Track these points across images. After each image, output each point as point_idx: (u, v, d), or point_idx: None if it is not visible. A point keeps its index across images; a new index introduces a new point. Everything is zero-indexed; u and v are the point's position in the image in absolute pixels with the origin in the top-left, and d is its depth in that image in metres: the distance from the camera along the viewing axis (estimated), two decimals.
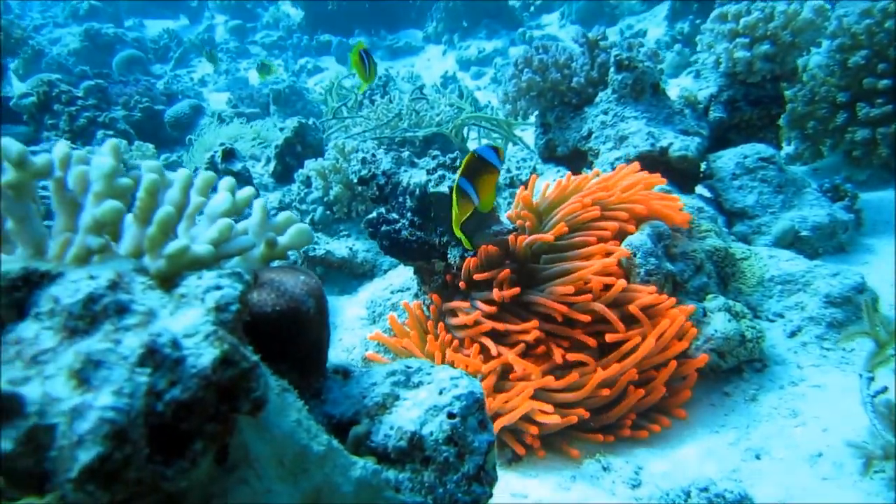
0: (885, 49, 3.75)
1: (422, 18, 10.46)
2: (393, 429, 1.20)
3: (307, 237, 1.28)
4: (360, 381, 1.30)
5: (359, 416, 1.24)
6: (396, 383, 1.28)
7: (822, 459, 2.17)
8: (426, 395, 1.26)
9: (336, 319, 3.55)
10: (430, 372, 1.30)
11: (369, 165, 3.00)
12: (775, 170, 3.47)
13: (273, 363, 1.18)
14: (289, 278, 1.23)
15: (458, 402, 1.23)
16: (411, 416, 1.22)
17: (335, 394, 1.29)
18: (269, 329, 1.17)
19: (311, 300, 1.24)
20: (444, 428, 1.20)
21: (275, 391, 1.04)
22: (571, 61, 3.74)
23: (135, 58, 9.26)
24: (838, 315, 2.75)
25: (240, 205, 1.23)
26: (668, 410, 2.49)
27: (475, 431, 1.23)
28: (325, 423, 1.24)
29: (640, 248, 2.69)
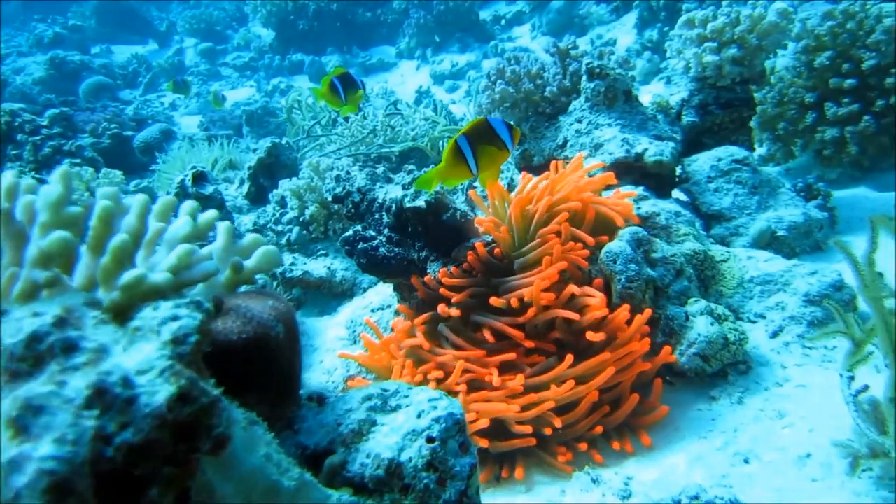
0: (848, 49, 3.79)
1: (394, 34, 10.48)
2: (370, 457, 1.16)
3: (275, 260, 1.24)
4: (335, 408, 1.26)
5: (334, 445, 1.20)
6: (373, 408, 1.24)
7: (811, 460, 2.15)
8: (404, 419, 1.21)
9: (316, 341, 3.50)
10: (407, 394, 1.26)
11: (343, 183, 2.96)
12: (749, 171, 3.48)
13: (241, 394, 1.13)
14: (256, 304, 1.18)
15: (437, 426, 1.19)
16: (389, 442, 1.17)
17: (309, 422, 1.24)
18: (235, 358, 1.13)
19: (281, 326, 1.19)
20: (423, 453, 1.16)
21: (241, 425, 0.99)
22: (544, 71, 3.73)
23: (103, 84, 9.15)
24: (818, 313, 2.74)
25: (202, 228, 1.18)
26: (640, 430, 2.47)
27: (456, 455, 1.18)
28: (299, 455, 1.20)
29: (619, 254, 2.67)
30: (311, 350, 3.40)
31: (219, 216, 1.20)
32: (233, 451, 0.93)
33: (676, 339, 2.62)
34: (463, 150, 2.38)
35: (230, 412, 0.92)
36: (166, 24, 13.01)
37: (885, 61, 3.65)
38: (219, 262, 1.21)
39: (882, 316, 1.88)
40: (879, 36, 3.62)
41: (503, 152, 2.45)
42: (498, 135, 2.40)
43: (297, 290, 3.91)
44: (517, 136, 2.47)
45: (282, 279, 3.74)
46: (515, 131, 2.46)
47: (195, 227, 1.14)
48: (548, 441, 2.43)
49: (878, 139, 3.79)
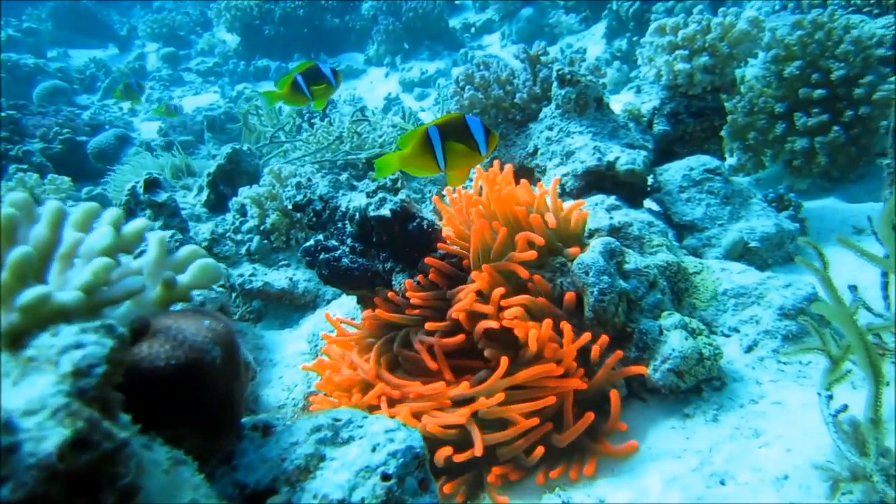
0: (817, 59, 3.77)
1: (362, 41, 10.35)
2: (317, 497, 1.03)
3: (214, 274, 1.11)
4: (281, 440, 1.12)
5: (277, 483, 1.06)
6: (322, 441, 1.11)
7: (789, 482, 2.07)
8: (357, 452, 1.08)
9: (276, 355, 3.34)
10: (361, 424, 1.13)
11: (305, 190, 2.83)
12: (721, 181, 3.42)
13: (169, 427, 0.99)
14: (189, 324, 1.05)
15: (393, 461, 1.06)
16: (339, 480, 1.04)
17: (250, 457, 1.10)
18: (163, 387, 0.99)
19: (218, 349, 1.06)
20: (377, 493, 1.03)
21: (162, 468, 0.85)
22: (513, 77, 3.65)
23: (58, 88, 8.84)
24: (793, 327, 2.68)
25: (127, 239, 1.04)
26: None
27: (415, 494, 1.06)
28: (238, 495, 1.06)
29: (592, 266, 2.58)
30: (270, 365, 3.24)
31: (147, 226, 1.06)
32: (147, 501, 0.80)
33: (650, 354, 2.53)
34: (432, 141, 2.23)
35: (139, 458, 0.78)
36: (127, 28, 12.68)
37: (853, 72, 3.64)
38: (149, 278, 1.08)
39: (857, 335, 1.81)
40: (848, 46, 3.61)
41: (475, 154, 2.32)
42: (472, 135, 2.26)
43: (257, 302, 3.75)
44: (494, 141, 2.34)
45: (241, 291, 3.58)
46: (493, 136, 2.33)
47: (118, 238, 1.00)
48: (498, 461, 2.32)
49: (847, 150, 3.78)
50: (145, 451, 0.87)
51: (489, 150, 2.33)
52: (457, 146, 2.25)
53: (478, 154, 2.30)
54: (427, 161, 2.26)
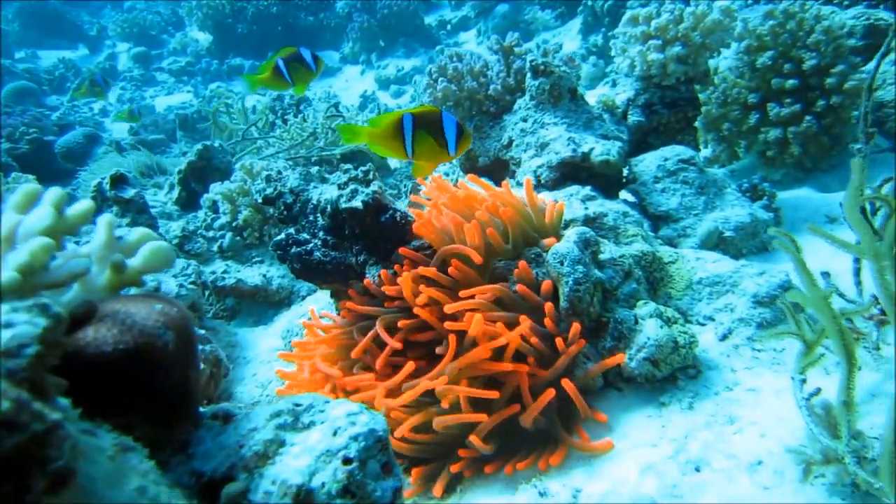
0: (789, 49, 3.79)
1: (337, 39, 10.28)
2: (276, 483, 0.99)
3: (166, 257, 1.07)
4: (239, 427, 1.08)
5: (235, 470, 1.03)
6: (282, 426, 1.07)
7: (763, 467, 2.06)
8: (318, 437, 1.05)
9: (250, 352, 3.29)
10: (323, 409, 1.10)
11: (275, 183, 2.78)
12: (696, 171, 3.43)
13: (120, 415, 0.95)
14: (140, 308, 1.00)
15: (355, 444, 1.03)
16: (299, 465, 1.01)
17: (207, 445, 1.06)
18: (111, 373, 0.95)
19: (170, 334, 1.02)
20: (338, 477, 0.99)
21: (107, 454, 0.81)
22: (487, 69, 3.62)
23: (26, 89, 8.66)
24: (767, 315, 2.68)
25: (71, 221, 1.00)
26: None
27: (377, 478, 1.03)
28: (194, 483, 1.02)
29: (566, 255, 2.56)
30: (243, 362, 3.19)
31: (93, 207, 1.01)
32: (90, 487, 0.76)
33: (625, 343, 2.51)
34: (404, 128, 2.21)
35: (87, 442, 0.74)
36: (97, 28, 12.47)
37: (824, 61, 3.66)
38: (97, 262, 1.03)
39: (831, 318, 1.80)
40: (819, 36, 3.63)
41: (443, 152, 2.30)
42: (443, 132, 2.24)
43: (230, 300, 3.69)
44: (465, 143, 2.31)
45: (213, 288, 3.51)
46: (465, 137, 2.29)
47: (60, 219, 0.95)
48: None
49: (819, 139, 3.80)
50: (89, 437, 0.83)
51: (458, 152, 2.32)
52: (426, 139, 2.24)
53: (446, 152, 2.28)
54: (395, 145, 2.24)
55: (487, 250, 2.60)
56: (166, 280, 2.97)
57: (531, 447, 2.34)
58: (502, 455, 2.32)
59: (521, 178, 3.38)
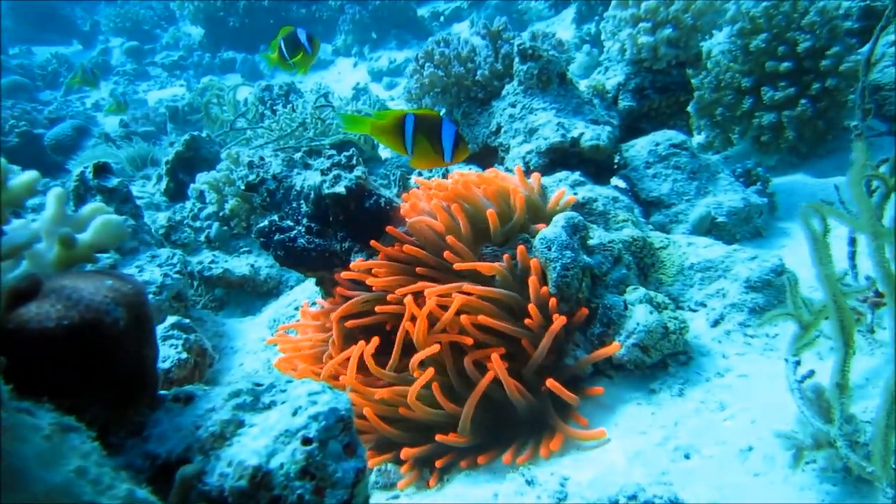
0: (784, 31, 3.74)
1: (330, 32, 10.20)
2: (232, 464, 0.95)
3: (118, 231, 1.02)
4: (196, 408, 1.04)
5: (191, 452, 0.98)
6: (241, 406, 1.03)
7: (753, 454, 2.02)
8: (277, 417, 1.00)
9: (237, 343, 3.24)
10: (284, 388, 1.05)
11: (257, 169, 2.73)
12: (688, 156, 3.38)
13: (69, 396, 0.90)
14: (88, 284, 0.96)
15: (315, 424, 0.98)
16: (256, 446, 0.96)
17: (163, 427, 1.02)
18: (54, 350, 0.90)
19: (122, 311, 0.97)
20: (297, 458, 0.95)
21: (43, 433, 0.77)
22: (475, 54, 3.57)
23: (18, 84, 8.59)
24: (760, 300, 2.64)
25: (16, 192, 0.95)
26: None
27: (339, 459, 0.98)
28: (148, 467, 0.97)
29: (554, 241, 2.51)
30: (230, 353, 3.14)
31: (38, 178, 0.97)
32: (22, 467, 0.71)
33: (615, 329, 2.47)
34: (405, 129, 2.32)
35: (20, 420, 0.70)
36: (90, 23, 12.39)
37: (819, 43, 3.61)
38: (47, 237, 0.98)
39: (834, 294, 1.75)
40: (814, 17, 3.58)
41: (438, 159, 2.38)
42: (441, 141, 2.33)
43: (219, 290, 3.65)
44: (461, 153, 2.38)
45: (200, 278, 3.47)
46: (462, 147, 2.36)
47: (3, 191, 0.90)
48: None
49: (814, 123, 3.75)
50: (25, 415, 0.79)
51: (455, 160, 2.38)
52: (425, 144, 2.31)
53: (442, 159, 2.36)
54: (397, 141, 2.33)
55: (476, 236, 2.56)
56: (150, 269, 2.92)
57: (525, 436, 2.30)
58: (495, 445, 2.29)
59: (510, 164, 3.33)
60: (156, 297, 2.83)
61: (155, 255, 2.97)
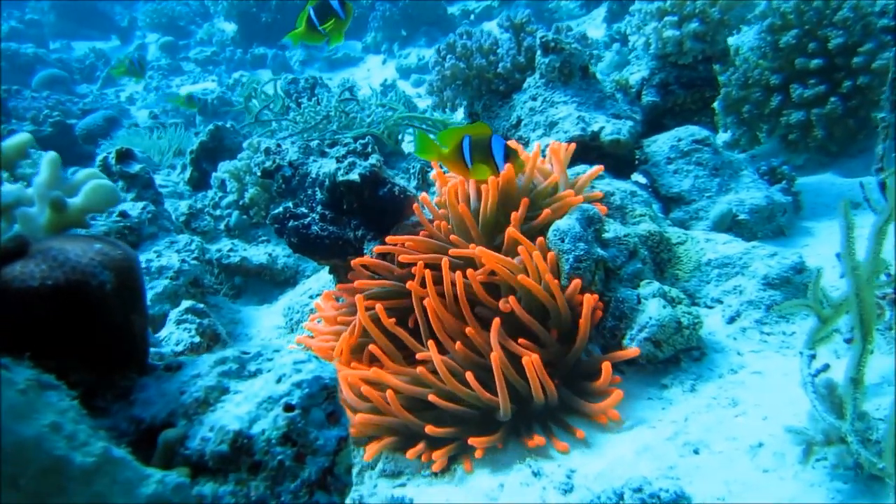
0: (815, 28, 3.65)
1: (360, 29, 10.25)
2: (213, 430, 0.95)
3: (109, 196, 1.03)
4: (183, 374, 1.04)
5: (174, 417, 0.99)
6: (226, 373, 1.03)
7: (763, 450, 1.98)
8: (261, 385, 1.00)
9: (252, 330, 3.27)
10: (271, 357, 1.06)
11: (273, 156, 2.75)
12: (710, 152, 3.32)
13: (54, 357, 0.92)
14: (75, 247, 0.97)
15: (297, 391, 0.98)
16: (239, 412, 0.97)
17: (149, 392, 1.02)
18: (38, 310, 0.91)
19: (109, 274, 0.98)
20: (278, 424, 0.95)
21: (17, 387, 0.78)
22: (497, 46, 3.55)
23: (56, 77, 8.79)
24: (777, 297, 2.58)
25: (7, 154, 0.97)
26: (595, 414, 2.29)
27: (321, 426, 0.98)
28: (133, 430, 0.98)
29: (567, 232, 2.49)
30: (245, 339, 3.17)
31: (30, 140, 0.98)
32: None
33: (627, 323, 2.44)
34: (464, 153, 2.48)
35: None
36: (128, 18, 12.65)
37: (852, 40, 3.52)
38: (39, 201, 1.00)
39: (857, 287, 1.70)
40: (847, 13, 3.49)
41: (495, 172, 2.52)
42: (493, 155, 2.47)
43: (238, 278, 3.68)
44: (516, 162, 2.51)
45: (219, 265, 3.51)
46: (512, 158, 2.49)
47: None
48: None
49: (844, 122, 3.66)
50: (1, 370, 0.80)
51: (506, 171, 2.54)
52: (480, 166, 2.48)
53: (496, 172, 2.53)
54: (461, 167, 2.49)
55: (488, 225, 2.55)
56: (168, 254, 2.96)
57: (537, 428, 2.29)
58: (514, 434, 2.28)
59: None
60: (173, 282, 2.87)
61: (174, 241, 3.01)
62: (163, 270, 2.88)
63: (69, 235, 1.01)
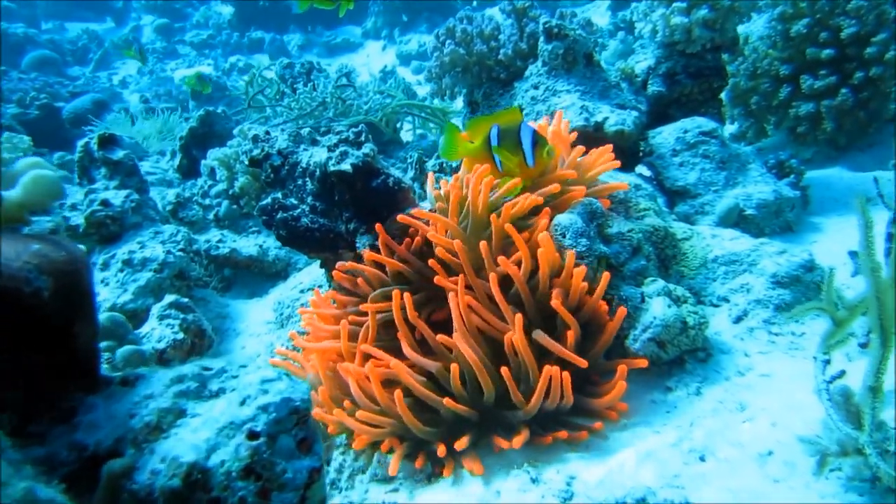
0: (827, 17, 3.53)
1: (360, 14, 10.07)
2: (165, 460, 0.83)
3: (51, 189, 0.91)
4: (134, 394, 0.93)
5: (122, 444, 0.87)
6: (184, 393, 0.91)
7: (772, 458, 1.87)
8: (223, 407, 0.89)
9: (240, 325, 3.16)
10: (236, 374, 0.94)
11: (262, 144, 2.63)
12: (718, 144, 3.20)
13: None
14: (9, 248, 0.85)
15: (263, 416, 0.87)
16: (196, 439, 0.85)
17: (96, 413, 0.91)
18: None
19: (47, 280, 0.86)
20: (240, 454, 0.83)
21: None
22: (498, 32, 3.42)
23: (47, 59, 8.59)
24: (786, 296, 2.47)
25: None
26: (602, 411, 2.18)
27: (290, 456, 0.86)
28: (74, 459, 0.87)
29: (569, 227, 2.37)
30: (233, 334, 3.06)
31: None
32: None
33: (630, 323, 2.32)
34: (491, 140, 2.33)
35: None
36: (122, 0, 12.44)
37: (864, 30, 3.39)
38: None
39: (878, 287, 1.58)
40: (860, 2, 3.36)
41: (523, 164, 2.35)
42: (520, 144, 2.30)
43: (227, 271, 3.56)
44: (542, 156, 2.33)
45: (207, 257, 3.38)
46: (540, 145, 2.32)
47: None
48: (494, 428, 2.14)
49: (855, 114, 3.54)
50: None
51: (536, 161, 2.35)
52: (505, 154, 2.31)
53: (525, 164, 2.34)
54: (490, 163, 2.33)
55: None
56: (153, 245, 2.84)
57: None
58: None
59: None
60: (157, 274, 2.75)
61: (158, 232, 2.89)
62: (146, 262, 2.76)
63: (2, 234, 0.89)
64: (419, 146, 4.81)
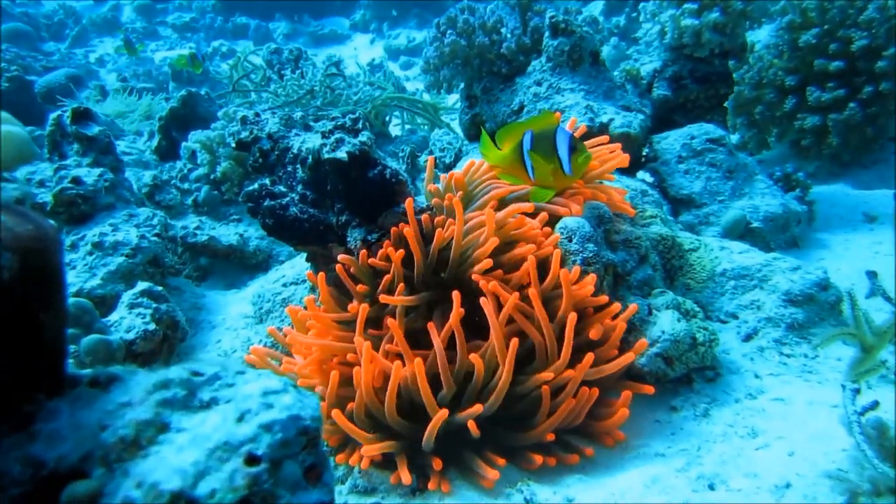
0: (837, 27, 3.44)
1: (348, 6, 9.88)
2: (142, 486, 0.67)
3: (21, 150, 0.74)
4: (107, 401, 0.76)
5: (89, 462, 0.70)
6: (169, 402, 0.75)
7: (791, 492, 1.75)
8: (217, 422, 0.72)
9: (217, 317, 2.97)
10: (232, 382, 0.77)
11: (251, 126, 2.44)
12: (725, 153, 3.09)
13: None
14: None
15: (266, 436, 0.70)
16: (182, 461, 0.68)
17: (59, 422, 0.74)
18: None
19: (10, 257, 0.69)
20: (236, 483, 0.67)
21: None
22: (501, 25, 3.27)
23: (20, 32, 8.23)
24: (799, 316, 2.36)
25: None
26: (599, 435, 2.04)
27: (295, 487, 0.70)
28: (29, 477, 0.69)
29: (576, 231, 2.23)
30: (208, 327, 2.87)
31: None
32: None
33: (636, 336, 2.19)
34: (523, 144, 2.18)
35: None
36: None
37: (876, 42, 3.31)
38: None
39: None
40: (872, 13, 3.28)
41: (559, 171, 2.19)
42: (556, 150, 2.15)
43: (204, 259, 3.36)
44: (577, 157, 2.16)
45: (183, 244, 3.18)
46: (577, 151, 2.15)
47: None
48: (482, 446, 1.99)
49: (862, 130, 3.46)
50: None
51: (573, 168, 2.18)
52: (539, 161, 2.17)
53: (561, 171, 2.18)
54: (522, 173, 2.20)
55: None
56: (126, 228, 2.64)
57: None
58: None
59: None
60: (129, 260, 2.55)
61: (133, 215, 2.69)
62: (118, 246, 2.56)
63: None
64: (410, 140, 4.65)
